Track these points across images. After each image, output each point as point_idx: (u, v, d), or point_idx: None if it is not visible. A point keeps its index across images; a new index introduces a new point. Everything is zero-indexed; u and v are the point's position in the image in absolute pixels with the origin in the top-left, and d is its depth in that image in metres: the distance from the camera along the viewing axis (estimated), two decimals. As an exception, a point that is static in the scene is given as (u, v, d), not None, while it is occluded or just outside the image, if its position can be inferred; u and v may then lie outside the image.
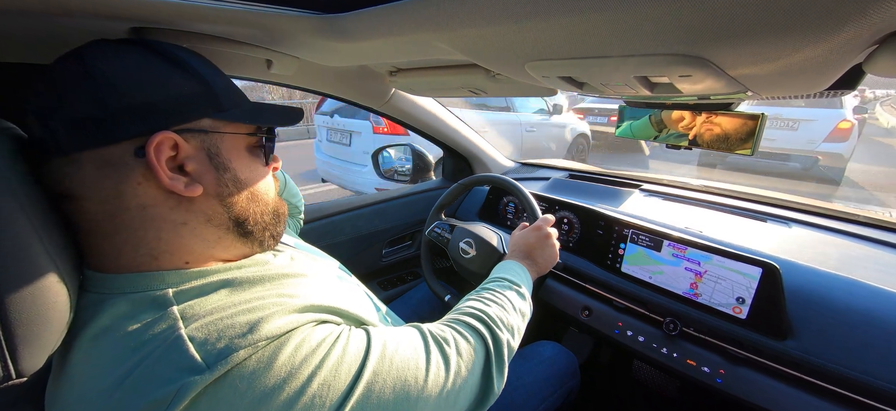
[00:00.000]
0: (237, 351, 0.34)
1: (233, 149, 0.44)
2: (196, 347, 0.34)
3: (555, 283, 1.14)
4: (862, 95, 12.09)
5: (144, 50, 0.41)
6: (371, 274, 1.44)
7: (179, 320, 0.35)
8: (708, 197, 1.20)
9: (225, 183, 0.43)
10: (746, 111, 0.71)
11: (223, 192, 0.43)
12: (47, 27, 0.52)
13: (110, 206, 0.38)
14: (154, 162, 0.38)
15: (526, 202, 1.03)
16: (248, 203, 0.45)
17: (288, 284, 0.44)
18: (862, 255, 0.88)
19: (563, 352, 1.02)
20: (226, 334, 0.35)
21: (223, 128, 0.43)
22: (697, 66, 0.46)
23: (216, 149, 0.43)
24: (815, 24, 0.33)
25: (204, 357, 0.33)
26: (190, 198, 0.41)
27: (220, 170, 0.43)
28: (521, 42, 0.49)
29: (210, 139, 0.42)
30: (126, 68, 0.39)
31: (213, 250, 0.44)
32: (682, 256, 0.89)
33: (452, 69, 0.83)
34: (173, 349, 0.34)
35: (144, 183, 0.39)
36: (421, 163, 1.54)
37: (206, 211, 0.42)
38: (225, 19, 0.55)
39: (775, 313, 0.77)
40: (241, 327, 0.36)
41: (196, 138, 0.41)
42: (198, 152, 0.41)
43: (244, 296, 0.40)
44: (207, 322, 0.36)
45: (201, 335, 0.35)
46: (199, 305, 0.37)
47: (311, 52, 0.73)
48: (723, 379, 0.81)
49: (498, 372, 0.54)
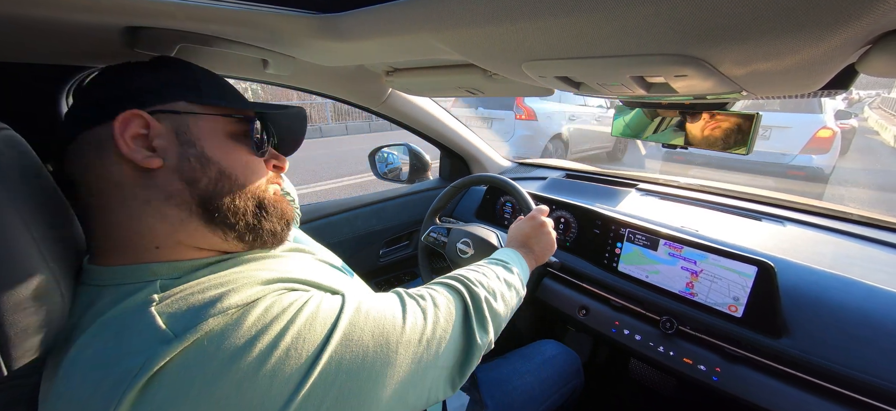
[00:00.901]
0: (206, 320, 0.35)
1: (208, 130, 0.45)
2: (164, 320, 0.35)
3: (552, 283, 1.14)
4: (849, 98, 12.01)
5: None
6: (369, 274, 1.44)
7: (153, 303, 0.37)
8: (704, 196, 1.20)
9: (187, 157, 0.43)
10: (741, 111, 0.72)
11: (184, 167, 0.43)
12: (41, 25, 0.51)
13: (97, 186, 0.42)
14: (117, 134, 0.40)
15: (522, 201, 1.03)
16: (215, 184, 0.44)
17: (264, 264, 0.46)
18: (856, 254, 0.89)
19: (566, 352, 1.02)
20: (194, 306, 0.36)
21: (198, 110, 0.45)
22: (692, 66, 0.46)
23: (185, 127, 0.44)
24: (809, 25, 0.33)
25: (172, 327, 0.34)
26: (152, 174, 0.41)
27: (186, 145, 0.43)
28: (517, 42, 0.49)
29: (182, 119, 0.44)
30: (127, 67, 0.46)
31: (180, 235, 0.43)
32: (679, 255, 0.90)
33: (449, 69, 0.83)
34: (142, 322, 0.35)
35: (119, 161, 0.41)
36: (418, 163, 1.54)
37: (167, 187, 0.42)
38: (220, 18, 0.55)
39: (771, 311, 0.77)
40: (209, 299, 0.37)
41: (168, 118, 0.43)
42: (167, 131, 0.43)
43: (216, 278, 0.40)
44: (177, 298, 0.37)
45: (170, 309, 0.36)
46: (173, 291, 0.38)
47: (308, 52, 0.72)
48: (719, 377, 0.82)
49: (480, 326, 0.54)
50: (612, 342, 0.99)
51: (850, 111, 6.87)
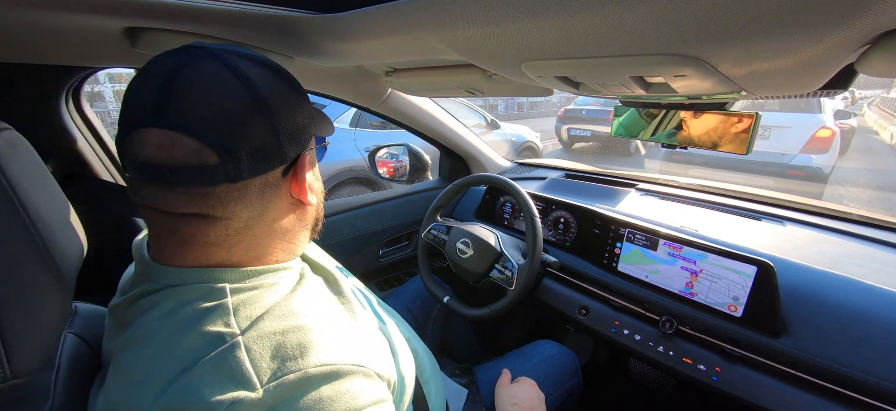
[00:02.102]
0: (287, 376, 0.36)
1: (312, 161, 0.50)
2: (252, 362, 0.36)
3: (552, 283, 1.14)
4: (852, 98, 12.00)
5: (276, 72, 0.43)
6: (368, 274, 1.44)
7: (234, 321, 0.38)
8: (703, 196, 1.20)
9: (316, 192, 0.50)
10: (741, 111, 0.72)
11: (316, 199, 0.50)
12: (39, 25, 0.52)
13: (251, 223, 0.42)
14: (303, 178, 0.44)
15: (522, 202, 1.03)
16: (319, 205, 0.53)
17: (329, 311, 0.48)
18: (856, 253, 0.89)
19: (564, 352, 1.02)
20: (279, 354, 0.37)
21: (311, 144, 0.48)
22: (692, 66, 0.46)
23: (313, 159, 0.49)
24: (808, 25, 0.33)
25: (258, 374, 0.35)
26: (304, 208, 0.48)
27: (316, 178, 0.50)
28: (517, 42, 0.49)
29: (311, 155, 0.48)
30: (277, 92, 0.40)
31: (293, 248, 0.49)
32: (678, 255, 0.90)
33: (449, 69, 0.83)
34: (230, 358, 0.36)
35: (285, 199, 0.44)
36: (418, 163, 1.54)
37: (307, 218, 0.50)
38: (221, 19, 0.55)
39: (770, 311, 0.78)
40: (292, 348, 0.38)
41: (308, 153, 0.46)
42: (309, 165, 0.47)
43: (290, 305, 0.42)
44: (262, 334, 0.38)
45: (257, 349, 0.37)
46: (252, 304, 0.40)
47: (308, 53, 0.72)
48: (719, 376, 0.82)
49: None
50: (611, 342, 0.99)
51: (850, 111, 6.82)
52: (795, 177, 4.10)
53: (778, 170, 4.17)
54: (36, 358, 0.36)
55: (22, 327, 0.33)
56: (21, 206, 0.35)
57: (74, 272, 0.41)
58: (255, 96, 0.38)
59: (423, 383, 0.66)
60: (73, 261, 0.40)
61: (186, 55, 0.38)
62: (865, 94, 17.22)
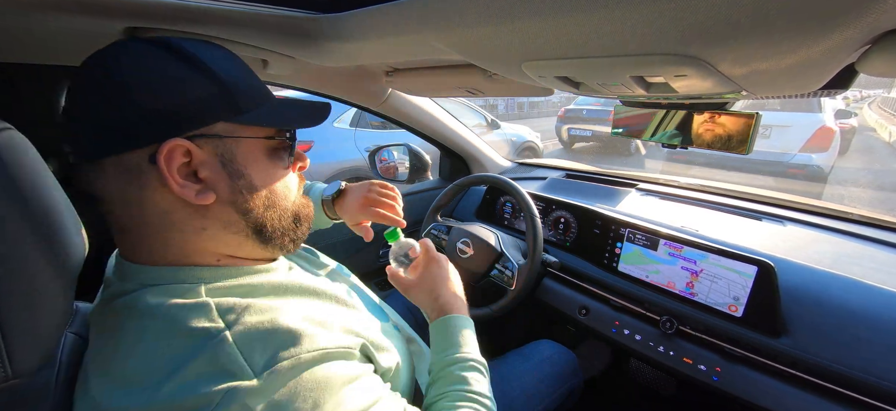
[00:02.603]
0: (281, 363, 0.36)
1: (249, 153, 0.43)
2: (244, 354, 0.36)
3: (552, 283, 1.14)
4: (852, 96, 12.06)
5: (165, 51, 0.39)
6: (368, 274, 1.43)
7: (218, 317, 0.37)
8: (704, 196, 1.20)
9: (239, 190, 0.42)
10: (741, 111, 0.71)
11: (238, 200, 0.43)
12: (40, 25, 0.52)
13: (134, 211, 0.40)
14: (164, 170, 0.37)
15: (522, 202, 1.03)
16: (264, 210, 0.45)
17: (316, 300, 0.47)
18: (856, 253, 0.89)
19: (564, 352, 1.02)
20: (270, 342, 0.37)
21: (239, 132, 0.42)
22: (692, 66, 0.46)
23: (231, 154, 0.41)
24: (809, 25, 0.33)
25: (251, 364, 0.35)
26: (205, 205, 0.41)
27: (234, 177, 0.42)
28: (517, 42, 0.49)
29: (224, 144, 0.41)
30: (143, 73, 0.38)
31: (239, 252, 0.45)
32: (679, 255, 0.90)
33: (449, 69, 0.83)
34: (220, 352, 0.35)
35: (161, 189, 0.39)
36: (418, 163, 1.54)
37: (223, 217, 0.42)
38: (221, 19, 0.55)
39: (771, 311, 0.77)
40: (282, 335, 0.38)
41: (210, 143, 0.40)
42: (211, 158, 0.40)
43: (272, 301, 0.42)
44: (248, 326, 0.37)
45: (245, 340, 0.36)
46: (232, 300, 0.39)
47: (308, 52, 0.72)
48: (719, 376, 0.81)
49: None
50: (612, 342, 0.99)
51: (850, 110, 6.88)
52: (796, 177, 4.16)
53: (779, 169, 4.21)
54: (37, 358, 0.36)
55: (23, 326, 0.33)
56: (22, 206, 0.35)
57: (76, 271, 0.41)
58: (109, 77, 0.37)
59: (422, 384, 0.66)
60: (74, 261, 0.40)
61: (112, 44, 0.40)
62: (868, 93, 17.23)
